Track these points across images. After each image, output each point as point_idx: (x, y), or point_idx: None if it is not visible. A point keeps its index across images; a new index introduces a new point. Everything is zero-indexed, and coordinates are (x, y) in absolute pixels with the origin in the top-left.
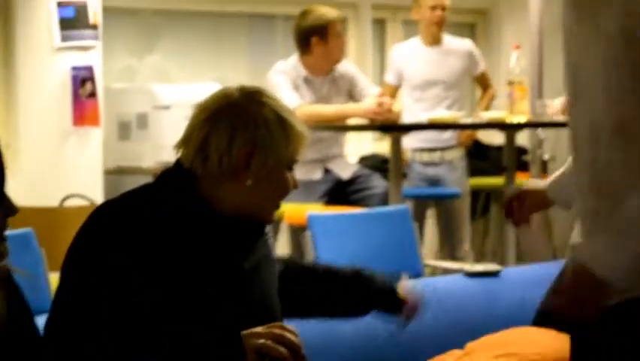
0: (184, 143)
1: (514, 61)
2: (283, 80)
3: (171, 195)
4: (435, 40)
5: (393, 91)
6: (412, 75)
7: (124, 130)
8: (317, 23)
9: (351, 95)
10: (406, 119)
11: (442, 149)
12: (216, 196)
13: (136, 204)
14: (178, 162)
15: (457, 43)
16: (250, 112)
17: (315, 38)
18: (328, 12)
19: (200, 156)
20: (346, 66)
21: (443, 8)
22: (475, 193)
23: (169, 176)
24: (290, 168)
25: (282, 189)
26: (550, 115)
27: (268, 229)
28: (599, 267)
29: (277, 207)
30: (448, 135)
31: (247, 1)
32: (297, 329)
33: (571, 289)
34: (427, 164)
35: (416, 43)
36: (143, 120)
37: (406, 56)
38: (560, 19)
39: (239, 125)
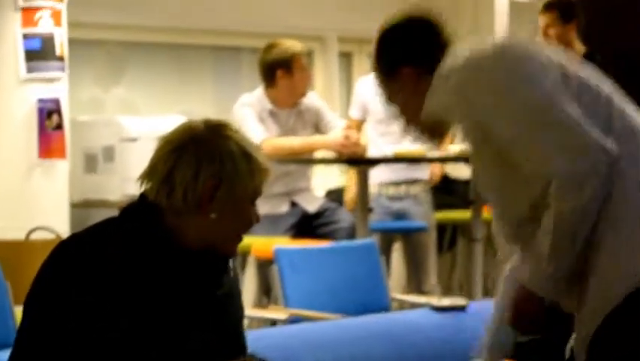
0: (148, 175)
1: None
2: (249, 113)
3: (135, 229)
4: None
5: (358, 125)
6: (377, 109)
7: (90, 163)
8: (282, 56)
9: (318, 128)
10: (372, 152)
11: (408, 183)
12: (180, 229)
13: (100, 239)
14: (142, 195)
15: None
16: (215, 145)
17: (280, 71)
18: (293, 45)
19: (164, 188)
20: (312, 99)
21: None
22: (442, 227)
23: (133, 209)
24: (253, 202)
25: (245, 222)
26: None
27: (233, 262)
28: (527, 283)
29: (240, 240)
30: (413, 169)
31: (213, 34)
32: None
33: (517, 300)
34: (392, 198)
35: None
36: (109, 153)
37: (370, 89)
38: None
39: (204, 159)
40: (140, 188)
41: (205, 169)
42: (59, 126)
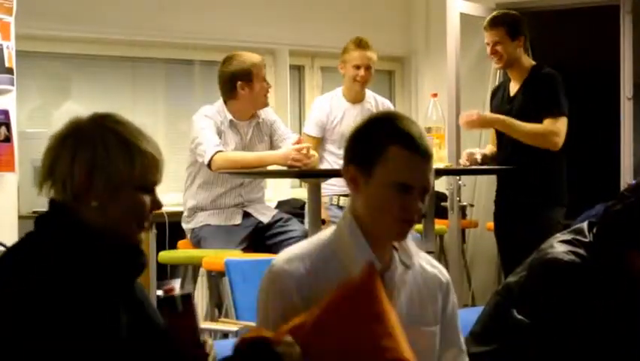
0: (40, 175)
1: (431, 108)
2: (207, 124)
3: (43, 234)
4: (357, 97)
5: (316, 143)
6: (331, 129)
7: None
8: (242, 67)
9: (271, 141)
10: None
11: None
12: (82, 222)
13: (14, 254)
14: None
15: (377, 102)
16: (91, 135)
17: (240, 83)
18: (252, 57)
19: (50, 183)
20: (268, 112)
21: (368, 67)
22: None
23: (42, 215)
24: (145, 190)
25: (135, 210)
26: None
27: None
28: None
29: (138, 228)
30: None
31: (165, 47)
32: None
33: None
34: (343, 208)
35: (338, 96)
36: None
37: (327, 109)
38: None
39: (79, 149)
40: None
41: (79, 159)
42: (8, 139)
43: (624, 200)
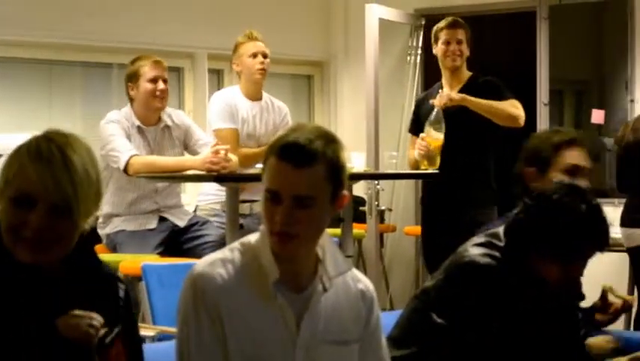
0: None
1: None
2: (115, 130)
3: None
4: (256, 93)
5: (237, 136)
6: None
7: None
8: (130, 69)
9: (187, 147)
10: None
11: None
12: None
13: None
14: None
15: (273, 103)
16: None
17: (129, 84)
18: (143, 57)
19: None
20: (182, 117)
21: (265, 56)
22: None
23: None
24: (18, 204)
25: (7, 222)
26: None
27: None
28: None
29: (15, 242)
30: None
31: (83, 50)
32: None
33: None
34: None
35: (237, 94)
36: None
37: (232, 102)
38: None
39: None
40: None
41: None
42: None
43: (527, 208)
